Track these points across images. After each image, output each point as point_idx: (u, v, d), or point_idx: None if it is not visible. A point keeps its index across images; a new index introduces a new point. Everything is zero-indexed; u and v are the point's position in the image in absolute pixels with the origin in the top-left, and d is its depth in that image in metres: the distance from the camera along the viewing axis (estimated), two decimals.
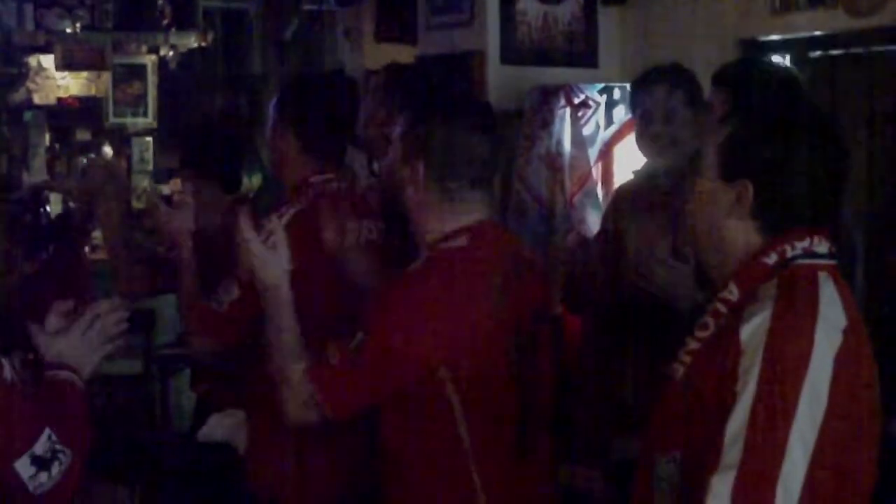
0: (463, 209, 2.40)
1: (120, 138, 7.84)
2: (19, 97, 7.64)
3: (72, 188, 3.75)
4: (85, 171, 3.78)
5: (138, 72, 7.83)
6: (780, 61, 4.18)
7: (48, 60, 7.59)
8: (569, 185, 4.32)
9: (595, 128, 4.37)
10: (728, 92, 3.10)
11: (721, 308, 1.93)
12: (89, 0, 7.55)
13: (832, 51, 4.11)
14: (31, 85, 7.66)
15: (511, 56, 4.80)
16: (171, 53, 7.86)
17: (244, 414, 3.27)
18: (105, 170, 3.71)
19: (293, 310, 2.39)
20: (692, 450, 1.85)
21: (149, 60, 7.85)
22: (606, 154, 4.38)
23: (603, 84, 4.44)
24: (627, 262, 3.09)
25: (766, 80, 3.18)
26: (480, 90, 4.70)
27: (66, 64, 7.52)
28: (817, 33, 4.13)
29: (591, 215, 4.26)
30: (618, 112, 4.37)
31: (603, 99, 4.38)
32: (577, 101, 4.34)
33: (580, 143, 4.34)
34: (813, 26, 4.14)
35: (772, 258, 1.92)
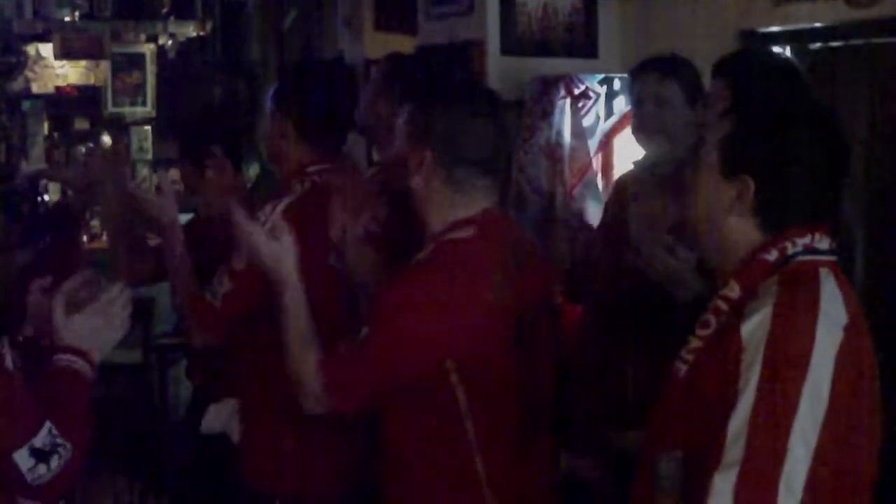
0: (469, 199, 2.38)
1: (118, 127, 7.83)
2: (18, 86, 7.64)
3: (70, 178, 3.73)
4: (86, 164, 3.75)
5: (137, 61, 7.82)
6: (781, 52, 4.16)
7: (47, 49, 7.58)
8: (569, 176, 4.31)
9: (595, 119, 4.35)
10: (728, 83, 3.09)
11: (722, 305, 1.93)
12: None
13: (833, 42, 4.09)
14: (30, 73, 7.66)
15: (511, 46, 4.77)
16: (170, 42, 7.85)
17: (236, 402, 3.26)
18: (105, 160, 3.69)
19: (306, 299, 2.38)
20: (694, 448, 1.85)
21: (147, 49, 7.84)
22: (606, 145, 4.37)
23: (603, 75, 4.42)
24: (628, 252, 3.09)
25: (766, 72, 3.17)
26: (480, 80, 4.68)
27: (65, 53, 7.51)
28: (818, 25, 4.12)
29: (591, 206, 4.25)
30: (618, 103, 4.36)
31: (603, 90, 4.36)
32: (578, 92, 4.32)
33: (580, 134, 4.32)
34: (813, 18, 4.12)
35: (773, 255, 1.91)
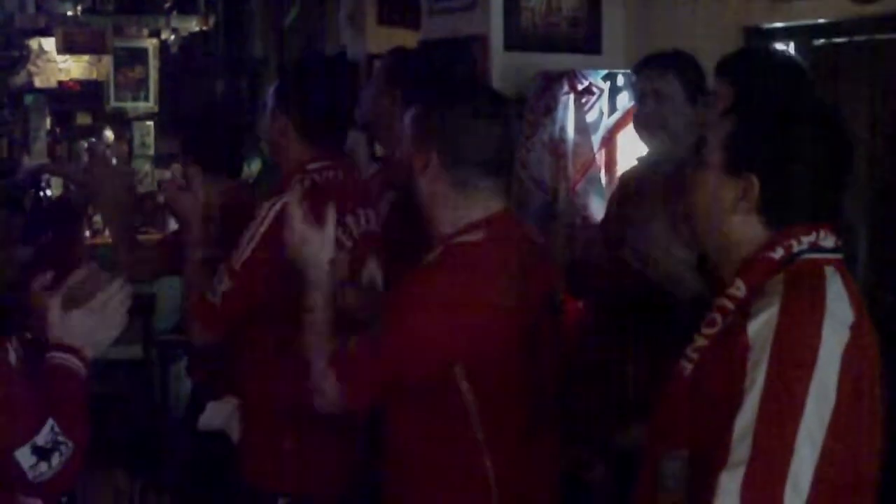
0: (477, 200, 2.37)
1: (121, 122, 7.83)
2: (20, 80, 7.64)
3: (73, 172, 3.73)
4: (87, 169, 3.75)
5: (139, 55, 7.81)
6: (784, 49, 4.15)
7: (49, 43, 7.58)
8: (572, 172, 4.30)
9: (598, 114, 4.35)
10: (731, 82, 3.08)
11: (728, 304, 1.92)
12: None
13: (836, 38, 4.08)
14: (32, 68, 7.65)
15: (514, 42, 4.77)
16: (173, 37, 7.85)
17: (236, 401, 3.26)
18: (106, 161, 3.70)
19: (332, 293, 2.39)
20: (700, 447, 1.84)
21: (150, 44, 7.83)
22: (610, 141, 4.36)
23: (607, 70, 4.41)
24: (630, 248, 3.09)
25: (770, 69, 3.16)
26: (483, 76, 4.68)
27: (68, 47, 7.50)
28: (821, 21, 4.11)
29: (594, 202, 4.24)
30: (621, 99, 4.35)
31: (606, 85, 4.35)
32: (581, 88, 4.32)
33: (583, 130, 4.32)
34: (817, 14, 4.11)
35: (778, 253, 1.90)
